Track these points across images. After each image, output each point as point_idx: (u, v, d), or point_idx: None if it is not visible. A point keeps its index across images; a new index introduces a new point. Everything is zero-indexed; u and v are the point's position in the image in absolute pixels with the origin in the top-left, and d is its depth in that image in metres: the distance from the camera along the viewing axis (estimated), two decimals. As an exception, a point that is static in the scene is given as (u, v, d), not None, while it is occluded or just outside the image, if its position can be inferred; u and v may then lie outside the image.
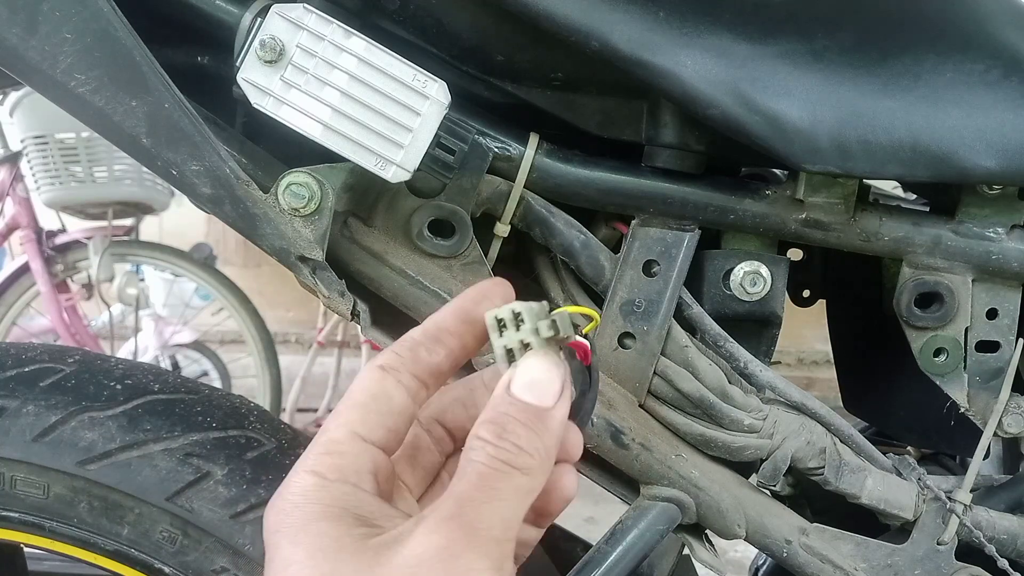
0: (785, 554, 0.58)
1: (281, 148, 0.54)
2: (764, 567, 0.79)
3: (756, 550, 0.60)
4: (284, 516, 0.35)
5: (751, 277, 0.56)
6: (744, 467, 0.59)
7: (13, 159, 2.54)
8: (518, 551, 0.44)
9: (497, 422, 0.37)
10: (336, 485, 0.36)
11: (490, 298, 0.41)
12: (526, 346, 0.38)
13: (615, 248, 0.56)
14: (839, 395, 0.77)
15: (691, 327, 0.57)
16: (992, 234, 0.57)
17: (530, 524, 0.44)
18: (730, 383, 0.56)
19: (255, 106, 0.46)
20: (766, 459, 0.57)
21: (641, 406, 0.56)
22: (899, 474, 0.60)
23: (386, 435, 0.39)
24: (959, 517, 0.58)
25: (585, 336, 0.46)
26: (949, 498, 0.58)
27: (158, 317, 2.87)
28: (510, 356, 0.39)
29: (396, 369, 0.39)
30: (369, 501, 0.37)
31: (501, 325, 0.39)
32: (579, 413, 0.45)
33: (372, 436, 0.38)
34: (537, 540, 0.45)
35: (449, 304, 0.42)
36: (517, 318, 0.38)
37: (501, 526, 0.35)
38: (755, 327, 0.59)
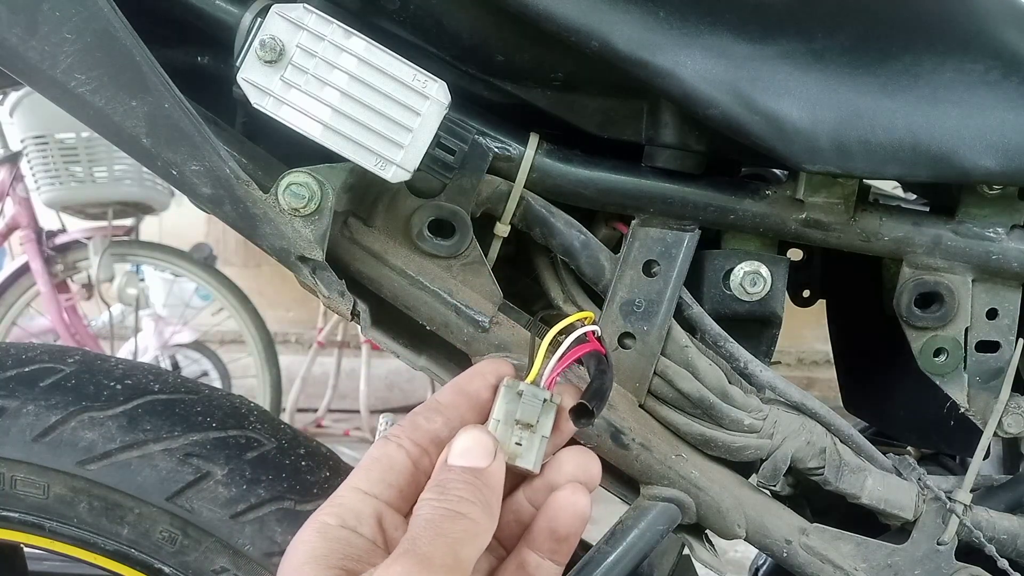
0: (785, 554, 0.58)
1: (281, 148, 0.54)
2: (764, 567, 0.79)
3: (756, 550, 0.60)
4: (284, 561, 0.39)
5: (751, 277, 0.56)
6: (744, 467, 0.59)
7: (13, 159, 2.54)
8: None
9: (440, 485, 0.41)
10: (333, 529, 0.40)
11: (484, 376, 0.47)
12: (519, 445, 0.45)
13: (615, 248, 0.56)
14: (839, 395, 0.77)
15: (691, 327, 0.57)
16: (992, 234, 0.57)
17: (546, 557, 0.45)
18: (730, 383, 0.56)
19: (255, 106, 0.46)
20: (766, 459, 0.57)
21: (641, 406, 0.56)
22: (899, 474, 0.60)
23: (388, 489, 0.43)
24: (959, 517, 0.58)
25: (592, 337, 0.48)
26: (949, 498, 0.58)
27: (158, 317, 2.87)
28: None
29: (397, 436, 0.44)
30: (362, 544, 0.40)
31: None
32: (600, 393, 0.46)
33: (374, 490, 0.42)
34: None
35: (449, 382, 0.47)
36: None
37: (452, 557, 0.37)
38: (755, 327, 0.59)
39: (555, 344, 0.48)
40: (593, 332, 0.48)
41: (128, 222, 2.71)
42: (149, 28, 0.47)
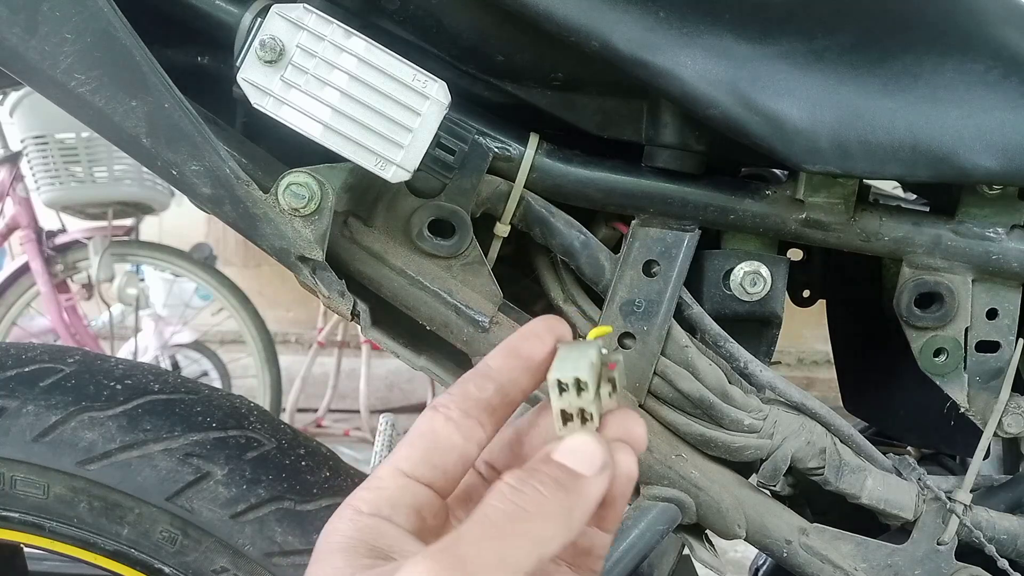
0: (785, 554, 0.58)
1: (281, 148, 0.54)
2: (764, 567, 0.79)
3: (756, 550, 0.60)
4: (318, 544, 0.37)
5: (751, 277, 0.56)
6: (744, 467, 0.59)
7: (13, 159, 2.54)
8: (588, 563, 0.42)
9: (528, 470, 0.36)
10: (365, 518, 0.37)
11: (540, 336, 0.41)
12: (583, 415, 0.38)
13: (615, 248, 0.56)
14: (839, 395, 0.77)
15: (691, 327, 0.57)
16: (992, 234, 0.57)
17: (592, 524, 0.41)
18: (730, 383, 0.56)
19: (255, 106, 0.46)
20: (766, 459, 0.57)
21: (641, 406, 0.56)
22: (899, 474, 0.60)
23: (431, 471, 0.39)
24: (959, 517, 0.58)
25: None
26: (949, 498, 0.58)
27: (158, 317, 2.87)
28: (566, 418, 0.38)
29: (446, 406, 0.40)
30: (395, 534, 0.37)
31: (563, 388, 0.38)
32: None
33: (416, 472, 0.39)
34: (606, 548, 0.42)
35: (500, 344, 0.42)
36: (579, 385, 0.38)
37: (497, 566, 0.32)
38: (755, 327, 0.59)
39: None
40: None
41: (128, 222, 2.71)
42: (149, 28, 0.47)
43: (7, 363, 0.59)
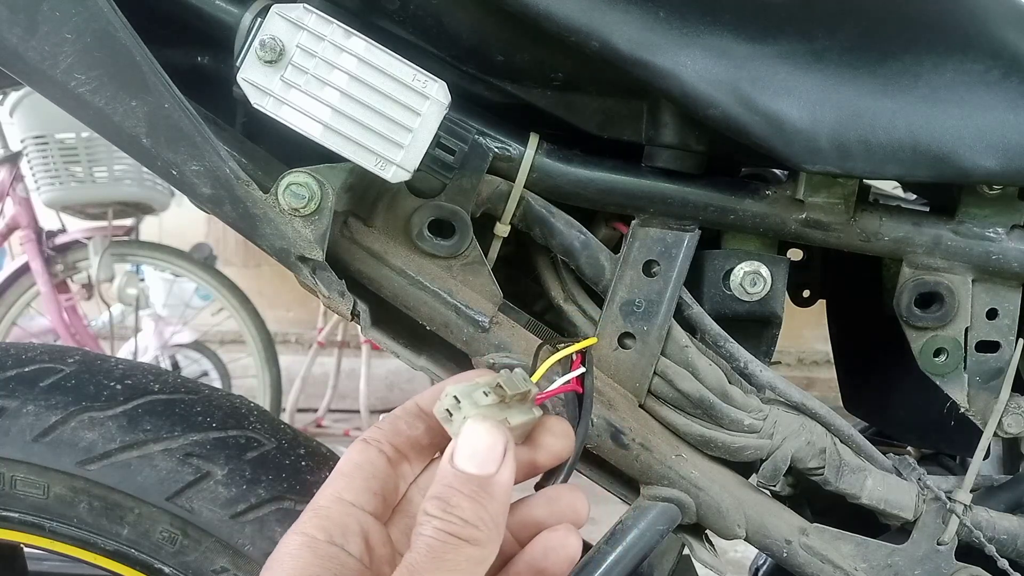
0: (785, 554, 0.58)
1: (281, 148, 0.54)
2: (764, 567, 0.79)
3: (756, 550, 0.60)
4: (268, 571, 0.38)
5: (751, 277, 0.56)
6: (744, 467, 0.59)
7: (13, 159, 2.54)
8: None
9: (442, 496, 0.37)
10: (322, 545, 0.38)
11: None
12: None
13: (615, 248, 0.56)
14: (839, 395, 0.77)
15: (691, 327, 0.57)
16: (992, 234, 0.57)
17: None
18: (730, 383, 0.56)
19: (255, 106, 0.46)
20: (766, 459, 0.57)
21: (641, 406, 0.56)
22: (899, 474, 0.60)
23: (372, 498, 0.41)
24: (959, 517, 0.58)
25: (583, 362, 0.47)
26: (949, 498, 0.58)
27: (158, 317, 2.88)
28: None
29: (377, 440, 0.42)
30: (352, 564, 0.38)
31: (451, 414, 0.40)
32: (570, 469, 0.46)
33: (358, 500, 0.40)
34: None
35: (431, 388, 0.44)
36: (458, 400, 0.40)
37: None
38: (755, 327, 0.59)
39: (561, 361, 0.49)
40: (583, 357, 0.49)
41: (128, 222, 2.72)
42: (149, 28, 0.47)
43: (7, 363, 0.59)
